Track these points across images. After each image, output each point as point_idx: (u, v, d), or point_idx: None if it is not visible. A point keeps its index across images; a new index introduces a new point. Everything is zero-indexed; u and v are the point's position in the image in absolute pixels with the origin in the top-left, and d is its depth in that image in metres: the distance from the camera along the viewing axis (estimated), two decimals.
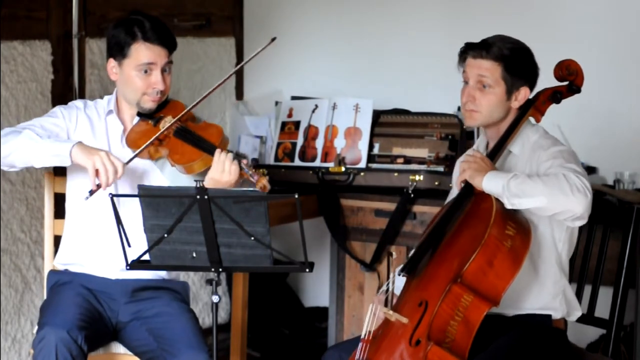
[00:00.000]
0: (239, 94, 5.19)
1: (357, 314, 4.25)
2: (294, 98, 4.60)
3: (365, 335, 2.96)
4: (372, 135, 4.29)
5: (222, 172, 3.21)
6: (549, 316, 3.08)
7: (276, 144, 4.45)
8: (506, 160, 3.15)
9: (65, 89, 4.26)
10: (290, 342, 4.83)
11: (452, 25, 4.67)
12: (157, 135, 3.23)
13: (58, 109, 3.39)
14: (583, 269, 3.42)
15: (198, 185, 2.81)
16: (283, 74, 5.08)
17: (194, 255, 2.90)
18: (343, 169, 4.25)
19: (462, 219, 3.04)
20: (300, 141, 4.39)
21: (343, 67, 4.92)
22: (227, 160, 3.21)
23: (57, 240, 3.52)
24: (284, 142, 4.44)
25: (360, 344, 2.96)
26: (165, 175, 3.33)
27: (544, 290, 3.08)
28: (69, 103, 3.44)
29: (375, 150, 4.29)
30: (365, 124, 4.30)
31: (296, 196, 2.78)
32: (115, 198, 2.95)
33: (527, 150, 3.13)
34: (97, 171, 3.12)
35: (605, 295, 3.35)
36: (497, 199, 2.97)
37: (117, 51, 3.28)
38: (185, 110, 3.30)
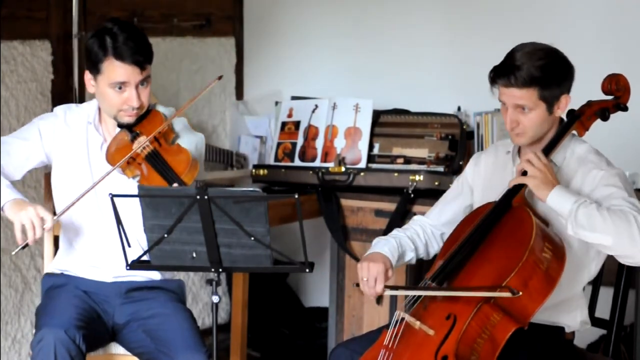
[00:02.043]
0: (239, 94, 5.18)
1: (357, 314, 4.25)
2: (294, 98, 4.60)
3: (389, 342, 2.91)
4: (372, 135, 4.29)
5: None
6: (562, 329, 3.05)
7: (276, 144, 4.45)
8: None
9: (65, 89, 4.26)
10: (290, 342, 4.83)
11: (452, 25, 4.66)
12: (127, 156, 3.16)
13: (36, 124, 3.31)
14: None
15: (198, 185, 2.81)
16: (283, 74, 5.08)
17: (194, 255, 2.90)
18: (343, 169, 4.25)
19: (498, 231, 2.94)
20: (300, 141, 4.39)
21: (343, 67, 4.91)
22: None
23: (57, 240, 3.51)
24: (284, 142, 4.44)
25: (382, 351, 2.90)
26: None
27: (564, 307, 3.04)
28: (49, 113, 3.37)
29: (375, 150, 4.29)
30: (365, 124, 4.30)
31: (296, 196, 2.78)
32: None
33: (572, 163, 3.03)
34: (23, 226, 3.07)
35: (605, 295, 3.35)
36: (535, 217, 2.87)
37: (92, 66, 3.20)
38: (159, 128, 3.20)
